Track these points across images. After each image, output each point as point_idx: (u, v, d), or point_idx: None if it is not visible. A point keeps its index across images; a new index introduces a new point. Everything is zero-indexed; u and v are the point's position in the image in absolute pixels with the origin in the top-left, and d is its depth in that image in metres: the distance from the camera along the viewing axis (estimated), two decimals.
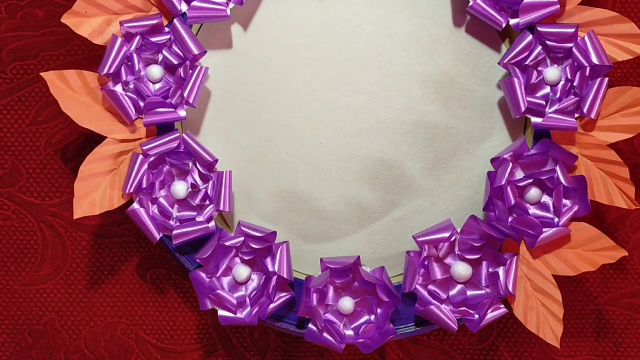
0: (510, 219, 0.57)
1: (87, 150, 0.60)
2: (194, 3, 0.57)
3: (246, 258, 0.58)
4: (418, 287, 0.57)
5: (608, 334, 0.66)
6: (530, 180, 0.57)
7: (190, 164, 0.58)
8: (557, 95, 0.57)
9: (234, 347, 0.66)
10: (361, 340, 0.56)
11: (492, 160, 0.57)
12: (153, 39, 0.57)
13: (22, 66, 0.64)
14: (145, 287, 0.65)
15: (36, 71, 0.64)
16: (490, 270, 0.57)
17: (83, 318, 0.65)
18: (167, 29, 0.57)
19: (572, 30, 0.56)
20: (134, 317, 0.65)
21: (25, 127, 0.64)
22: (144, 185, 0.57)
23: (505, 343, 0.65)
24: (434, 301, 0.57)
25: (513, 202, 0.56)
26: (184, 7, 0.57)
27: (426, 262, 0.57)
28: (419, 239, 0.57)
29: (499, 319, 0.62)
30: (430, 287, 0.57)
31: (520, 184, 0.57)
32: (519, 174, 0.57)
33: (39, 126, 0.63)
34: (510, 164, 0.57)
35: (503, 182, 0.56)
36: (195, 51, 0.57)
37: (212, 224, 0.58)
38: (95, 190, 0.57)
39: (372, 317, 0.57)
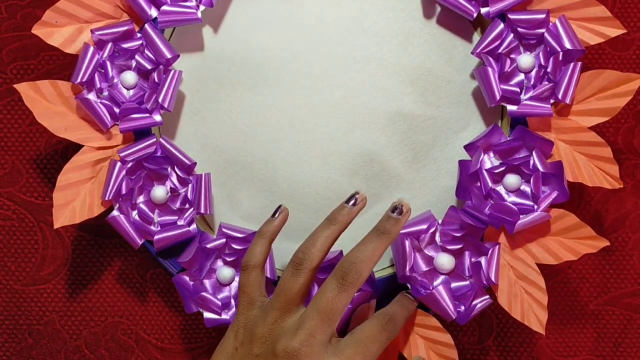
0: (487, 207, 0.57)
1: None
2: (164, 7, 0.57)
3: (229, 259, 0.58)
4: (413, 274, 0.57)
5: (608, 334, 0.65)
6: (503, 168, 0.57)
7: (169, 169, 0.58)
8: (532, 82, 0.57)
9: None
10: None
11: (466, 147, 0.57)
12: (125, 46, 0.57)
13: (22, 66, 0.64)
14: (145, 287, 0.65)
15: (36, 71, 0.64)
16: (472, 260, 0.57)
17: (83, 318, 0.65)
18: (139, 35, 0.57)
19: (543, 16, 0.56)
20: (134, 317, 0.65)
21: (26, 127, 0.64)
22: (124, 192, 0.57)
23: (505, 343, 0.65)
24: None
25: (489, 188, 0.56)
26: (154, 12, 0.57)
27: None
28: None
29: (484, 309, 0.62)
30: (416, 277, 0.57)
31: (496, 171, 0.57)
32: (494, 161, 0.57)
33: (39, 126, 0.63)
34: (483, 150, 0.57)
35: (477, 168, 0.56)
36: (168, 55, 0.57)
37: (193, 227, 0.58)
38: (75, 199, 0.57)
39: (351, 306, 0.57)
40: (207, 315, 0.57)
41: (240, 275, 0.53)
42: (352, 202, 0.51)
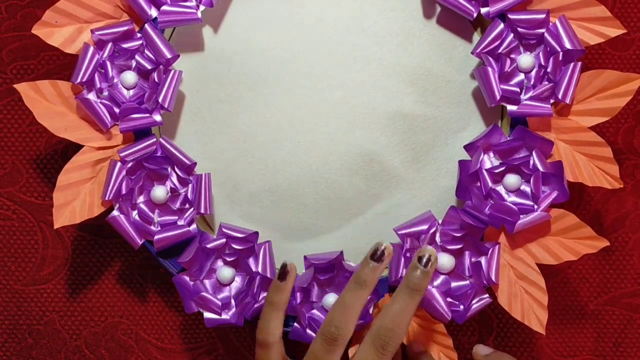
0: (487, 207, 0.57)
1: None
2: (164, 7, 0.57)
3: (229, 259, 0.58)
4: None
5: (608, 334, 0.65)
6: (503, 168, 0.57)
7: (169, 169, 0.58)
8: (532, 82, 0.57)
9: (234, 347, 0.66)
10: None
11: (466, 147, 0.57)
12: (125, 45, 0.57)
13: (22, 66, 0.64)
14: (145, 287, 0.65)
15: (36, 71, 0.64)
16: (473, 259, 0.57)
17: (83, 318, 0.65)
18: (139, 35, 0.57)
19: (543, 16, 0.56)
20: (134, 317, 0.65)
21: (26, 127, 0.64)
22: (124, 192, 0.57)
23: (505, 343, 0.65)
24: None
25: (489, 187, 0.56)
26: (154, 12, 0.57)
27: (408, 255, 0.57)
28: (399, 232, 0.57)
29: (484, 309, 0.62)
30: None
31: (496, 171, 0.57)
32: (494, 161, 0.57)
33: (39, 126, 0.63)
34: (483, 150, 0.57)
35: (477, 168, 0.56)
36: (168, 55, 0.57)
37: (193, 227, 0.58)
38: (75, 199, 0.57)
39: None
40: (207, 315, 0.57)
41: (259, 352, 0.51)
42: (378, 256, 0.49)
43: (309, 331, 0.57)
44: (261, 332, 0.51)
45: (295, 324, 0.57)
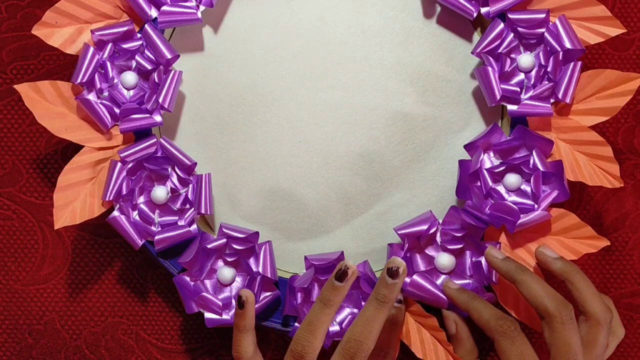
0: (488, 207, 0.57)
1: None
2: (164, 8, 0.57)
3: (230, 260, 0.58)
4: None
5: None
6: (504, 167, 0.57)
7: (169, 169, 0.58)
8: (532, 82, 0.57)
9: None
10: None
11: (466, 147, 0.57)
12: (125, 46, 0.57)
13: (22, 66, 0.64)
14: (145, 287, 0.65)
15: (36, 71, 0.64)
16: (473, 259, 0.57)
17: (83, 318, 0.65)
18: (139, 35, 0.57)
19: (543, 15, 0.56)
20: (134, 317, 0.65)
21: (26, 127, 0.64)
22: (124, 192, 0.57)
23: None
24: (424, 283, 0.57)
25: (489, 187, 0.56)
26: (154, 13, 0.57)
27: (409, 255, 0.57)
28: (399, 232, 0.57)
29: None
30: (415, 277, 0.57)
31: (496, 171, 0.57)
32: (494, 161, 0.57)
33: (39, 126, 0.63)
34: (483, 150, 0.57)
35: (477, 167, 0.56)
36: (168, 56, 0.57)
37: (194, 227, 0.58)
38: (75, 200, 0.57)
39: (356, 310, 0.57)
40: (208, 315, 0.57)
41: None
42: (340, 276, 0.50)
43: None
44: (234, 352, 0.54)
45: (296, 323, 0.57)
